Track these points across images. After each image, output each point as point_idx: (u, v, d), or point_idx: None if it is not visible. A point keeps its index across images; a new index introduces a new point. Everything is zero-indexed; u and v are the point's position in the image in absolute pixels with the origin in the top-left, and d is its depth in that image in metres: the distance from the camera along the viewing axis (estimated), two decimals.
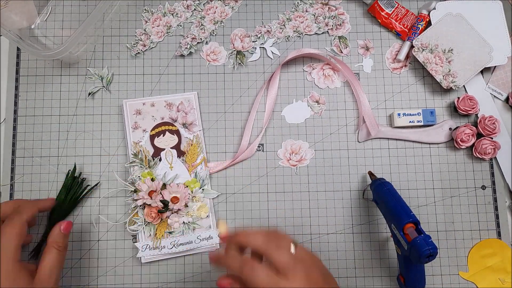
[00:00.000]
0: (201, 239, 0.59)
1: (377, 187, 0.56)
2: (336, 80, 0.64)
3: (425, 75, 0.64)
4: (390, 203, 0.53)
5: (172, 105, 0.62)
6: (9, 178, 0.60)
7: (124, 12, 0.65)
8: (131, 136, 0.60)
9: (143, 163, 0.59)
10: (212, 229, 0.59)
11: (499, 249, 0.60)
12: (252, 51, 0.64)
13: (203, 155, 0.61)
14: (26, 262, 0.49)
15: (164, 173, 0.60)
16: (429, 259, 0.47)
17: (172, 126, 0.61)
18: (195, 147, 0.61)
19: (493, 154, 0.61)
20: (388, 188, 0.55)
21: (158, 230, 0.58)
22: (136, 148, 0.60)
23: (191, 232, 0.59)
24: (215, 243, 0.59)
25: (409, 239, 0.48)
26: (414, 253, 0.47)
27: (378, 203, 0.56)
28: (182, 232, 0.59)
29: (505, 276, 0.60)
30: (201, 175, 0.60)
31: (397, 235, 0.50)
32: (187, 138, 0.61)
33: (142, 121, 0.61)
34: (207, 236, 0.59)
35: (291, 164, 0.62)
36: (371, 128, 0.61)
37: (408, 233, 0.49)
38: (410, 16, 0.65)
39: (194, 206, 0.59)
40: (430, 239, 0.47)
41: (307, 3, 0.65)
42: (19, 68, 0.63)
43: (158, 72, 0.63)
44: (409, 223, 0.49)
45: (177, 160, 0.60)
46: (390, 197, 0.53)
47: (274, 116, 0.63)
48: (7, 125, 0.62)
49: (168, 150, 0.60)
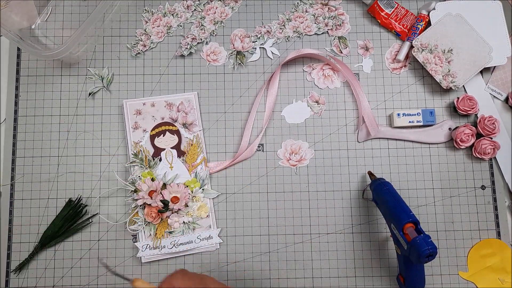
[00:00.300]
0: (201, 239, 0.59)
1: (377, 187, 0.56)
2: (336, 80, 0.64)
3: (424, 75, 0.64)
4: (390, 203, 0.53)
5: (172, 105, 0.62)
6: (9, 178, 0.60)
7: (124, 13, 0.65)
8: (132, 136, 0.61)
9: (143, 163, 0.59)
10: (212, 229, 0.59)
11: (499, 249, 0.60)
12: (252, 51, 0.64)
13: (203, 155, 0.61)
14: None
15: (164, 173, 0.60)
16: (428, 259, 0.47)
17: (172, 126, 0.61)
18: (195, 147, 0.61)
19: (492, 154, 0.61)
20: (387, 188, 0.55)
21: (158, 230, 0.58)
22: (137, 148, 0.60)
23: (191, 232, 0.59)
24: (215, 243, 0.59)
25: (409, 239, 0.48)
26: (414, 253, 0.47)
27: (378, 203, 0.56)
28: (182, 232, 0.59)
29: (505, 276, 0.60)
30: (201, 175, 0.60)
31: (397, 235, 0.50)
32: (187, 138, 0.61)
33: (142, 121, 0.61)
34: (207, 236, 0.59)
35: (291, 164, 0.62)
36: (371, 128, 0.61)
37: (407, 233, 0.49)
38: (410, 17, 0.65)
39: (194, 206, 0.59)
40: (430, 239, 0.47)
41: (307, 4, 0.65)
42: (19, 68, 0.63)
43: (159, 72, 0.63)
44: (408, 223, 0.49)
45: (177, 160, 0.60)
46: (390, 197, 0.53)
47: (274, 116, 0.63)
48: (7, 125, 0.62)
49: (168, 150, 0.60)
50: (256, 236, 0.60)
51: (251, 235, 0.60)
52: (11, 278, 0.58)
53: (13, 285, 0.58)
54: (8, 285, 0.58)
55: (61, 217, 0.59)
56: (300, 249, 0.60)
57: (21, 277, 0.58)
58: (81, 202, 0.60)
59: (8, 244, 0.59)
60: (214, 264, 0.59)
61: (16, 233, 0.59)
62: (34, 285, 0.59)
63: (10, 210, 0.60)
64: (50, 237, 0.59)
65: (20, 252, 0.59)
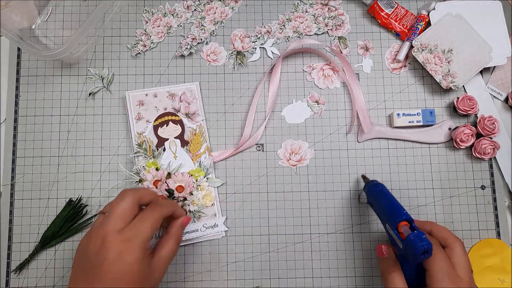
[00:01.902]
0: (206, 227, 0.59)
1: (370, 189, 0.56)
2: (335, 80, 0.64)
3: (424, 75, 0.64)
4: (383, 203, 0.52)
5: (175, 96, 0.62)
6: (9, 178, 0.60)
7: (124, 13, 0.65)
8: (135, 127, 0.61)
9: (147, 153, 0.60)
10: (217, 217, 0.60)
11: (499, 249, 0.60)
12: (252, 52, 0.64)
13: (206, 144, 0.61)
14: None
15: (169, 162, 0.60)
16: (425, 256, 0.46)
17: (175, 116, 0.61)
18: (198, 137, 0.61)
19: (492, 154, 0.61)
20: (380, 189, 0.55)
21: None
22: (140, 138, 0.60)
23: (197, 220, 0.59)
24: (221, 231, 0.59)
25: (404, 237, 0.48)
26: (410, 251, 0.47)
27: (372, 205, 0.56)
28: None
29: (505, 276, 0.60)
30: (205, 164, 0.60)
31: (392, 234, 0.50)
32: (190, 127, 0.61)
33: (145, 112, 0.61)
34: (213, 224, 0.59)
35: (291, 164, 0.62)
36: (364, 124, 0.61)
37: (402, 232, 0.48)
38: (410, 17, 0.65)
39: (199, 195, 0.60)
40: (424, 235, 0.47)
41: (307, 4, 0.65)
42: (19, 68, 0.63)
43: (159, 72, 0.63)
44: (402, 221, 0.49)
45: (181, 150, 0.61)
46: (383, 198, 0.53)
47: (274, 116, 0.63)
48: (7, 125, 0.62)
49: (172, 140, 0.61)
50: (256, 236, 0.60)
51: (251, 235, 0.60)
52: (11, 278, 0.58)
53: (13, 285, 0.58)
54: (8, 285, 0.58)
55: (62, 217, 0.59)
56: (300, 249, 0.60)
57: (21, 277, 0.59)
58: (81, 202, 0.60)
59: (8, 244, 0.59)
60: (214, 264, 0.59)
61: (16, 233, 0.59)
62: (35, 285, 0.59)
63: (10, 210, 0.60)
64: (50, 237, 0.59)
65: (20, 252, 0.59)
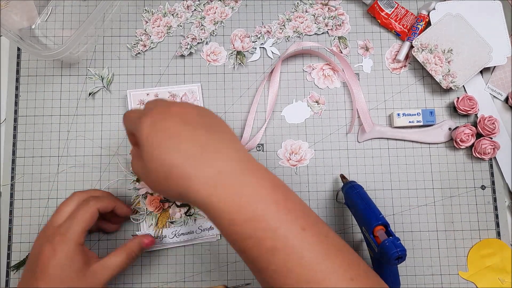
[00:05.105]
0: (202, 229, 0.59)
1: (348, 190, 0.55)
2: (336, 80, 0.64)
3: (424, 75, 0.64)
4: (360, 206, 0.52)
5: (176, 96, 0.62)
6: (9, 178, 0.60)
7: (124, 13, 0.65)
8: None
9: None
10: None
11: (499, 249, 0.60)
12: (252, 51, 0.64)
13: None
14: (87, 249, 0.49)
15: None
16: (398, 261, 0.46)
17: None
18: None
19: (492, 154, 0.61)
20: (358, 191, 0.54)
21: (160, 220, 0.58)
22: None
23: (193, 222, 0.59)
24: (216, 234, 0.59)
25: (379, 242, 0.48)
26: (384, 256, 0.47)
27: (349, 206, 0.55)
28: (184, 222, 0.59)
29: (505, 276, 0.60)
30: None
31: (368, 238, 0.50)
32: None
33: None
34: (208, 226, 0.59)
35: (291, 164, 0.62)
36: (366, 124, 0.61)
37: (378, 236, 0.48)
38: (410, 17, 0.65)
39: None
40: (399, 241, 0.47)
41: (307, 4, 0.65)
42: (19, 68, 0.63)
43: (159, 72, 0.63)
44: (378, 226, 0.49)
45: None
46: (360, 200, 0.53)
47: (274, 116, 0.63)
48: (7, 125, 0.62)
49: None
50: None
51: None
52: (11, 278, 0.58)
53: (13, 284, 0.58)
54: (8, 284, 0.58)
55: None
56: None
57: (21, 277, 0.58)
58: None
59: (8, 244, 0.59)
60: (214, 264, 0.59)
61: (16, 233, 0.59)
62: None
63: (10, 210, 0.60)
64: None
65: (20, 252, 0.59)
